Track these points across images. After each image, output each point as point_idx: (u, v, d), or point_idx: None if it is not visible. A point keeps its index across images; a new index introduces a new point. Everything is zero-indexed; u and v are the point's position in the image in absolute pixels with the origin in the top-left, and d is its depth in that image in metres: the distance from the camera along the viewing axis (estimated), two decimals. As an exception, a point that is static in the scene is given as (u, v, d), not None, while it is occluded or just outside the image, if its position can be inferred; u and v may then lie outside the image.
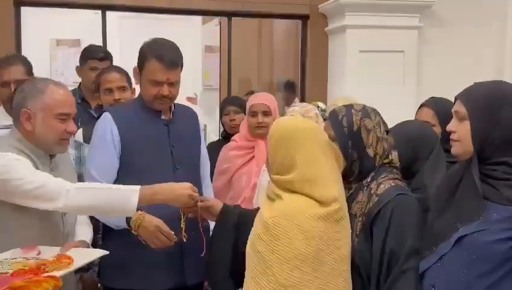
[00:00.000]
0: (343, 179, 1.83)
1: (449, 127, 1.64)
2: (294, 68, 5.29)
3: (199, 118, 2.48)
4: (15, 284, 1.36)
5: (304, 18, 4.54)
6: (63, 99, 1.94)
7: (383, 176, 1.78)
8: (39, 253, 1.82)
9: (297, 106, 2.79)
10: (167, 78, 2.15)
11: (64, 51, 6.48)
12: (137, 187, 1.89)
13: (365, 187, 1.78)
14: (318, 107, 3.10)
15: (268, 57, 6.15)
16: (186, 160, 2.28)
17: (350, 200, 1.77)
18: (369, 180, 1.79)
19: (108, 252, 1.90)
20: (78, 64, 3.29)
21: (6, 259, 1.74)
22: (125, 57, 4.55)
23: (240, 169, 2.69)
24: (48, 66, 6.18)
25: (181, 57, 2.22)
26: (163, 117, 2.26)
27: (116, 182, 2.19)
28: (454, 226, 1.51)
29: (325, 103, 3.87)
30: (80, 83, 3.29)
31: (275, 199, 1.64)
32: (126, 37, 5.64)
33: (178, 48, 2.23)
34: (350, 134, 1.80)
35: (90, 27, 4.96)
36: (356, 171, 1.81)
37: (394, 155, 1.85)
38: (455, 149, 1.63)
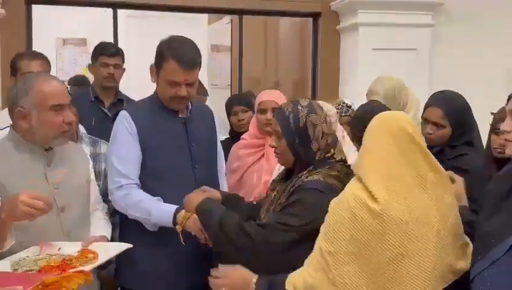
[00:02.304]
0: (289, 173, 1.89)
1: (504, 127, 1.55)
2: (301, 67, 5.27)
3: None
4: (47, 280, 1.33)
5: (316, 16, 4.51)
6: (53, 91, 1.86)
7: (319, 170, 1.79)
8: (59, 249, 1.78)
9: None
10: (185, 79, 2.09)
11: (70, 50, 6.48)
12: None
13: (296, 179, 1.81)
14: (344, 103, 3.07)
15: (276, 56, 6.13)
16: (205, 158, 2.25)
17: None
18: (304, 172, 1.81)
19: (132, 246, 1.86)
20: (90, 62, 3.25)
21: (28, 256, 1.71)
22: (131, 56, 4.55)
23: (251, 167, 2.64)
24: (54, 65, 6.17)
25: (200, 57, 2.16)
26: (180, 115, 2.21)
27: None
28: (508, 230, 1.44)
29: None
30: (93, 82, 3.24)
31: None
32: (131, 37, 5.63)
33: (197, 47, 2.16)
34: (297, 130, 1.81)
35: (97, 27, 4.94)
36: (299, 163, 1.84)
37: (338, 150, 1.86)
38: (510, 150, 1.55)
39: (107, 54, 3.13)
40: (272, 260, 1.74)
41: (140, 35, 5.81)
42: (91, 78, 3.37)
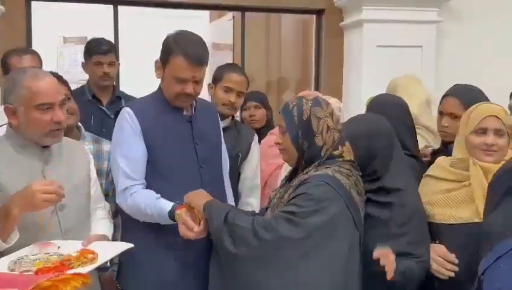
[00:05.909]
0: (295, 170, 1.83)
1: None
2: (304, 64, 5.22)
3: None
4: (43, 285, 1.27)
5: (319, 12, 4.47)
6: (41, 90, 1.78)
7: (326, 166, 1.74)
8: (58, 248, 1.73)
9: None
10: (193, 76, 2.02)
11: (70, 49, 6.45)
12: None
13: (302, 175, 1.76)
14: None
15: (278, 54, 6.08)
16: (210, 158, 2.18)
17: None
18: (310, 168, 1.75)
19: (133, 245, 1.80)
20: (83, 60, 3.16)
21: (26, 255, 1.66)
22: (131, 54, 4.50)
23: (278, 168, 2.59)
24: (55, 63, 6.15)
25: (207, 53, 2.09)
26: (185, 113, 2.14)
27: None
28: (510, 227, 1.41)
29: (340, 99, 3.79)
30: (88, 80, 3.16)
31: None
32: (132, 34, 5.58)
33: (204, 43, 2.10)
34: (300, 123, 1.77)
35: (97, 25, 4.89)
36: (303, 161, 1.78)
37: (346, 148, 1.80)
38: None
39: (100, 52, 3.04)
40: (276, 258, 1.67)
41: (141, 33, 5.78)
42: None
